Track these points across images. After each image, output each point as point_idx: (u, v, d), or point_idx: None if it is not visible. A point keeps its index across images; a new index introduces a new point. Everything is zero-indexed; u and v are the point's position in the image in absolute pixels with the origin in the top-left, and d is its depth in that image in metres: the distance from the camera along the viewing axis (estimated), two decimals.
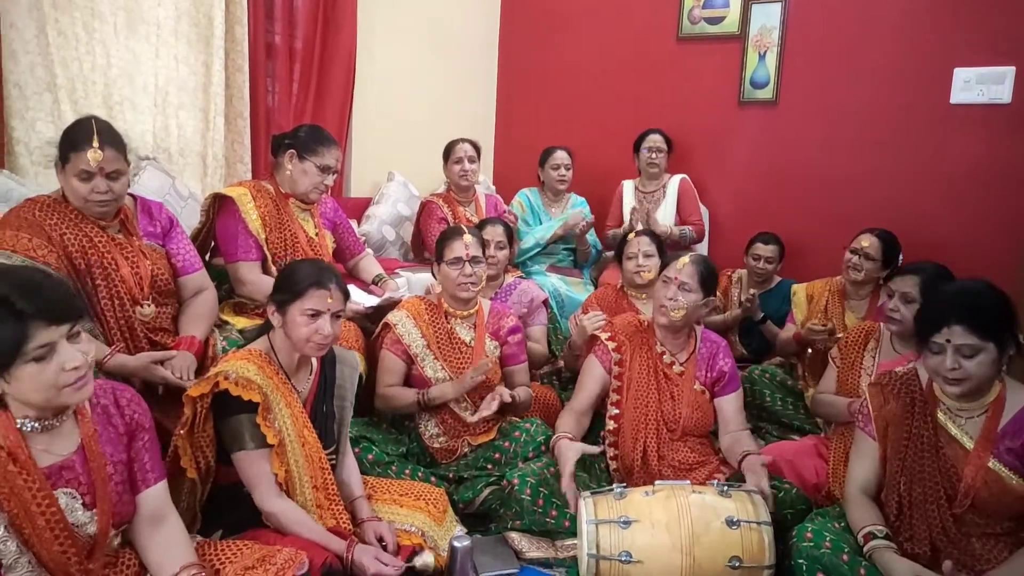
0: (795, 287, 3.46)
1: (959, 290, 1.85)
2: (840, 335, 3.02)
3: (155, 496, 1.61)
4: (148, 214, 2.35)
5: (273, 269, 2.65)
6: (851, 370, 2.64)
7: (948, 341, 1.78)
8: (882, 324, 2.66)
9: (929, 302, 1.89)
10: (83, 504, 1.46)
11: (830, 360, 2.74)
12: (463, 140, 3.81)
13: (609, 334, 2.54)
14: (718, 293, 3.88)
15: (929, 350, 1.84)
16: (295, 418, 1.91)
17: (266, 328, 2.04)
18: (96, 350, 2.04)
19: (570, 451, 2.23)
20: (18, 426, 1.42)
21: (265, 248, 2.66)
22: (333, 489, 1.96)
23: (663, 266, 2.55)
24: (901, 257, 3.31)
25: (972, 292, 1.82)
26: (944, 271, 2.57)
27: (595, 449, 2.30)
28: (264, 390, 1.85)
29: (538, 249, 4.03)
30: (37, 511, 1.39)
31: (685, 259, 2.46)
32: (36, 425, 1.44)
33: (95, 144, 2.03)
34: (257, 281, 2.63)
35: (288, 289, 1.94)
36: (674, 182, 4.20)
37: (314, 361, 2.09)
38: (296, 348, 1.96)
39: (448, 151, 3.81)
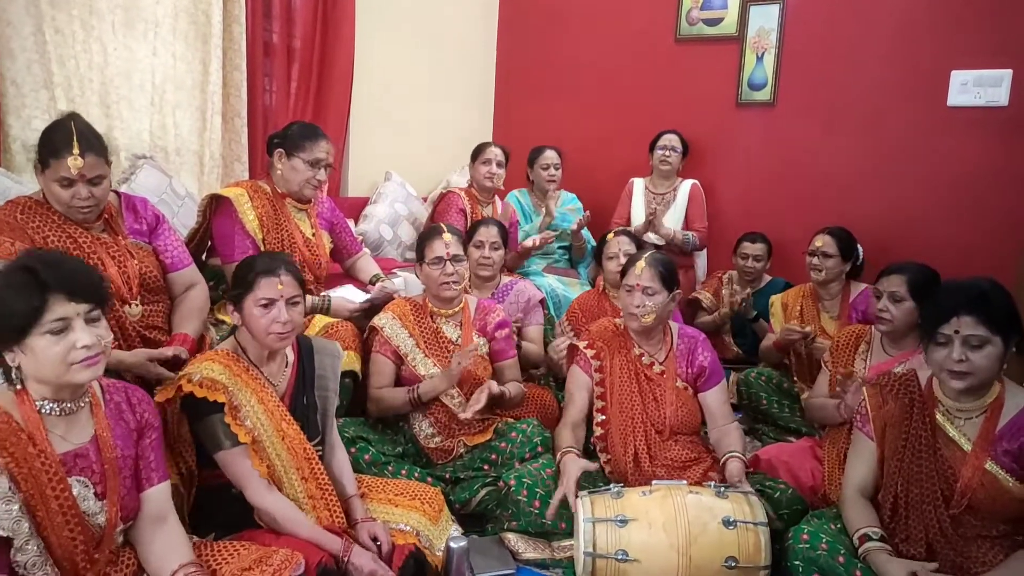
0: (772, 298, 3.50)
1: (968, 284, 1.85)
2: (819, 342, 3.08)
3: (158, 495, 1.63)
4: (133, 211, 2.32)
5: None
6: None
7: (956, 332, 1.79)
8: (872, 327, 2.67)
9: (937, 294, 1.89)
10: (95, 494, 1.49)
11: (822, 364, 2.75)
12: (494, 144, 3.83)
13: (587, 342, 2.53)
14: (709, 294, 3.90)
15: (935, 342, 1.83)
16: (270, 413, 1.89)
17: (235, 327, 2.03)
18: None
19: (574, 466, 2.21)
20: (37, 408, 1.46)
21: (262, 248, 2.65)
22: (324, 479, 1.94)
23: (620, 274, 2.54)
24: (861, 250, 3.36)
25: (980, 286, 1.83)
26: (931, 271, 2.58)
27: (594, 466, 2.29)
28: (230, 389, 1.84)
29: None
30: (52, 495, 1.42)
31: (641, 263, 2.44)
32: (55, 407, 1.47)
33: (75, 151, 1.99)
34: None
35: (239, 284, 1.93)
36: (685, 186, 4.21)
37: (290, 354, 2.06)
38: (260, 343, 1.94)
39: (478, 152, 3.81)
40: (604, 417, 2.44)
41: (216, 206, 2.68)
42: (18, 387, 1.46)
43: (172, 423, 1.85)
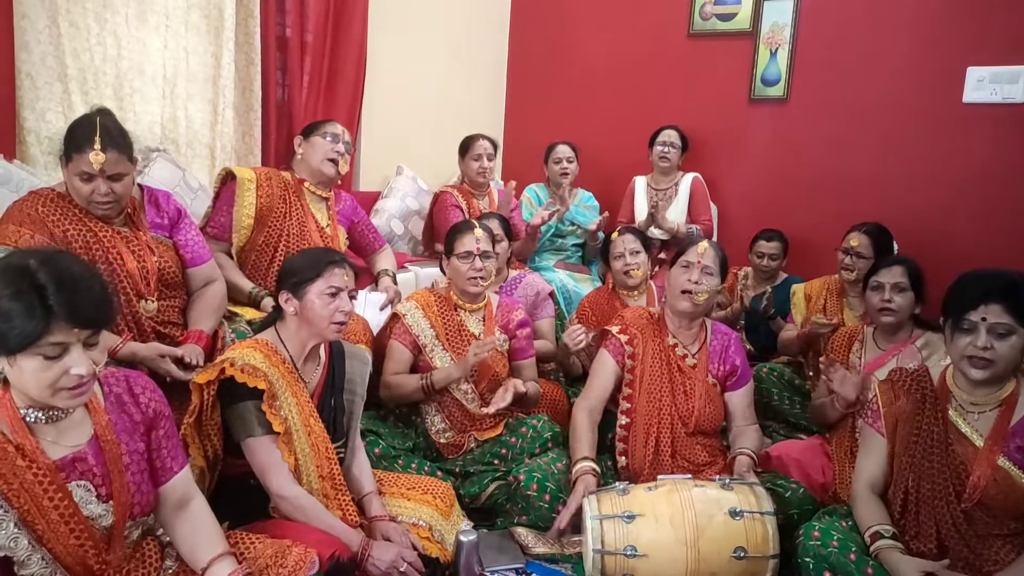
0: (794, 287, 3.46)
1: (996, 273, 1.84)
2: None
3: (180, 482, 1.59)
4: (155, 205, 2.33)
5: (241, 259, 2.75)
6: None
7: (983, 319, 1.78)
8: (864, 325, 2.68)
9: (963, 282, 1.88)
10: (98, 496, 1.42)
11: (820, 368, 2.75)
12: (482, 137, 3.77)
13: (620, 327, 2.53)
14: (724, 289, 3.88)
15: (959, 329, 1.82)
16: (301, 408, 1.91)
17: (271, 320, 2.05)
18: (107, 340, 2.06)
19: (586, 486, 2.17)
20: (22, 416, 1.36)
21: (235, 236, 2.71)
22: (340, 479, 1.96)
23: (676, 255, 2.51)
24: (896, 249, 3.31)
25: (1009, 275, 1.82)
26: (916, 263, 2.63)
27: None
28: (270, 378, 1.86)
29: (551, 232, 4.01)
30: (50, 505, 1.35)
31: (704, 243, 2.44)
32: (41, 415, 1.37)
33: (97, 146, 1.99)
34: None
35: (304, 271, 1.95)
36: (687, 180, 4.19)
37: (323, 355, 2.09)
38: (315, 332, 1.96)
39: (466, 147, 3.77)
40: (630, 406, 2.42)
41: (228, 180, 2.75)
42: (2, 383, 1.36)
43: (207, 406, 1.86)
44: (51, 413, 1.38)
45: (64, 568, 1.38)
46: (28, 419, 1.37)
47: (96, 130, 2.00)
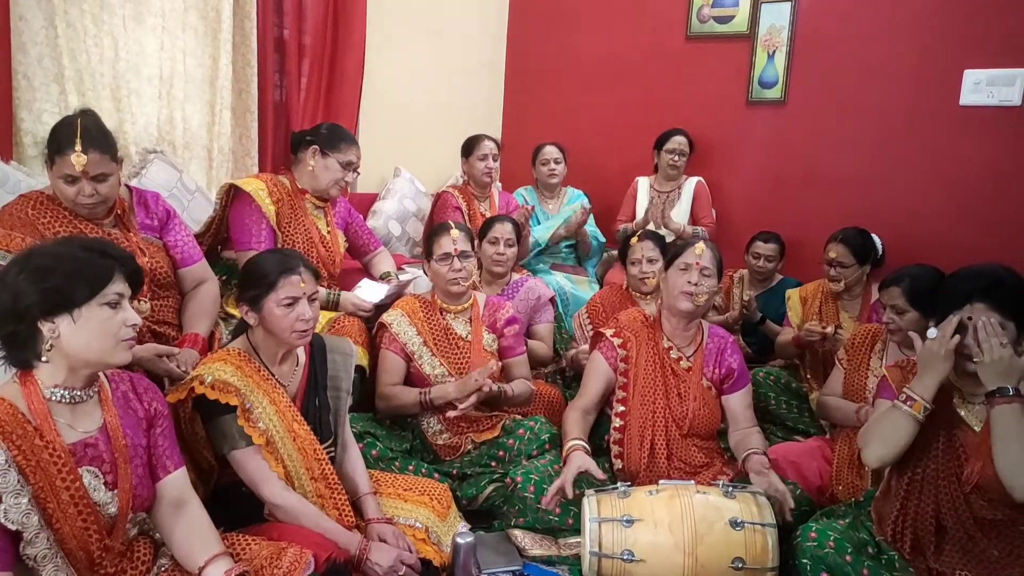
0: (789, 292, 3.46)
1: (981, 271, 1.85)
2: (840, 333, 3.04)
3: (175, 482, 1.63)
4: (144, 206, 2.32)
5: None
6: (857, 372, 2.64)
7: (970, 319, 1.79)
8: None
9: (949, 282, 1.89)
10: (105, 484, 1.49)
11: (837, 362, 2.74)
12: (487, 137, 3.76)
13: (614, 330, 2.52)
14: (721, 293, 3.89)
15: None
16: (282, 414, 1.89)
17: (242, 327, 2.00)
18: None
19: (579, 460, 2.18)
20: (46, 396, 1.45)
21: (280, 240, 2.66)
22: (333, 479, 1.95)
23: (672, 257, 2.49)
24: (880, 243, 3.33)
25: (993, 272, 1.82)
26: (931, 273, 2.53)
27: (600, 474, 2.19)
28: (242, 391, 1.83)
29: (539, 248, 4.01)
30: (62, 486, 1.42)
31: (701, 244, 2.42)
32: (65, 395, 1.47)
33: (78, 148, 1.97)
34: None
35: (258, 284, 1.89)
36: (690, 183, 4.21)
37: (301, 354, 2.05)
38: (280, 342, 1.92)
39: (471, 147, 3.75)
40: (624, 408, 2.42)
41: (235, 195, 2.70)
42: (42, 361, 1.44)
43: (185, 422, 1.85)
44: (75, 393, 1.48)
45: (65, 554, 1.42)
46: (52, 399, 1.46)
47: (77, 132, 1.98)
